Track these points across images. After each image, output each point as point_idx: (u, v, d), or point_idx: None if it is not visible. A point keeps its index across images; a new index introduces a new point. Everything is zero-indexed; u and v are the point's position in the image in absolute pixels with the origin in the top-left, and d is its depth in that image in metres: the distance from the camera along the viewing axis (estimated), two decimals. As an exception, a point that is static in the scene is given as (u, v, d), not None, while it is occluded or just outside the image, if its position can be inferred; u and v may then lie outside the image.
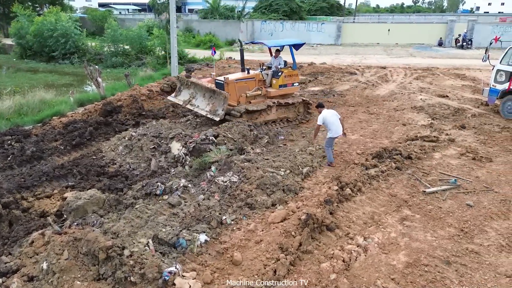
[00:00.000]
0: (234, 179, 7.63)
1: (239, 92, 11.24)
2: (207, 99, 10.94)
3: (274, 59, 12.24)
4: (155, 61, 25.59)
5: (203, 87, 11.04)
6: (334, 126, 8.66)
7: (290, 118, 12.10)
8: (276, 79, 11.78)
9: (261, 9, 44.74)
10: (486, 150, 9.45)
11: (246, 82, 11.50)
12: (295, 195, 7.44)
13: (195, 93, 11.37)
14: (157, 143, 9.20)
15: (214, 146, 8.99)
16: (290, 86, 12.05)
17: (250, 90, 11.47)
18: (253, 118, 11.10)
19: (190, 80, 11.73)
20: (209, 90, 10.89)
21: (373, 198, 7.08)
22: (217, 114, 10.23)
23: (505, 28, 35.78)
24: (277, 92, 11.76)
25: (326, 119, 8.66)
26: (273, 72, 11.95)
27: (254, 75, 11.70)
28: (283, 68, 12.06)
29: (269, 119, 11.57)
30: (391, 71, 21.78)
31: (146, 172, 8.55)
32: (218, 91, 10.54)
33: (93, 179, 8.23)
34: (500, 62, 12.32)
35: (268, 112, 11.49)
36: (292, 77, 12.04)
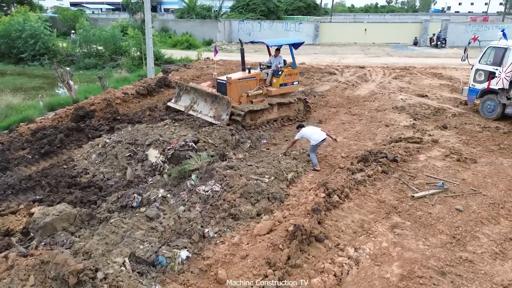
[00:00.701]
0: (216, 188, 7.23)
1: (241, 91, 11.20)
2: (209, 104, 10.85)
3: (273, 58, 12.19)
4: (130, 62, 24.80)
5: (204, 92, 10.91)
6: (314, 135, 8.63)
7: (291, 116, 12.16)
8: (277, 78, 11.79)
9: (238, 8, 44.34)
10: (469, 151, 9.39)
11: (248, 82, 11.48)
12: (280, 203, 7.12)
13: (195, 98, 11.25)
14: (133, 151, 8.68)
15: (194, 153, 8.56)
16: (290, 85, 12.10)
17: (251, 89, 11.45)
18: (255, 118, 11.14)
19: (189, 85, 11.55)
20: (210, 95, 10.76)
21: (361, 204, 6.83)
22: (221, 120, 10.19)
23: (478, 27, 36.65)
24: (278, 91, 11.76)
25: (305, 133, 8.78)
26: (274, 71, 11.92)
27: (255, 74, 11.69)
28: (283, 67, 12.09)
29: (270, 118, 11.60)
30: (370, 71, 21.80)
31: (121, 182, 8.04)
32: (220, 96, 10.44)
33: (63, 191, 7.66)
34: (479, 62, 12.37)
35: (270, 111, 11.51)
36: (292, 76, 12.10)
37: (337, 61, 26.00)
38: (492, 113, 12.06)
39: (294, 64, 12.27)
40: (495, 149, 9.52)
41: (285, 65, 12.26)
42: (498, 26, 36.53)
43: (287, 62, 12.42)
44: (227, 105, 10.25)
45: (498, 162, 8.69)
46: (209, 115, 10.68)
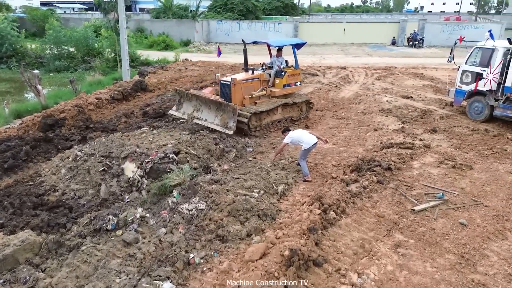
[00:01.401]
0: (201, 206, 6.57)
1: (245, 92, 10.98)
2: (213, 111, 10.48)
3: (275, 59, 12.02)
4: (104, 64, 23.72)
5: (207, 100, 10.61)
6: (305, 138, 8.04)
7: (294, 117, 12.03)
8: (280, 79, 11.64)
9: (216, 8, 43.52)
10: (463, 156, 9.06)
11: (252, 82, 11.30)
12: (272, 220, 6.53)
13: (198, 105, 10.91)
14: (107, 165, 7.90)
15: (175, 165, 7.86)
16: (293, 85, 11.99)
17: (255, 90, 11.29)
18: (261, 119, 10.99)
19: (190, 93, 11.16)
20: (214, 102, 10.45)
21: (360, 220, 6.32)
22: (229, 128, 9.90)
23: (453, 27, 37.17)
24: (282, 92, 11.64)
25: (293, 137, 8.13)
26: (276, 71, 11.79)
27: (258, 75, 11.50)
28: (286, 68, 11.98)
29: (275, 119, 11.46)
30: (352, 72, 21.53)
31: (94, 201, 7.26)
32: (225, 104, 10.16)
33: (28, 214, 6.82)
34: (465, 63, 12.15)
35: (274, 112, 11.34)
36: (295, 77, 12.00)
37: (318, 62, 25.65)
38: (479, 115, 11.85)
39: (297, 65, 12.20)
40: (488, 153, 9.23)
41: (287, 65, 12.15)
42: (474, 26, 37.28)
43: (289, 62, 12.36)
44: (233, 112, 9.90)
45: (493, 168, 8.38)
46: (215, 122, 10.32)
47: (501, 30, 35.82)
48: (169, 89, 17.07)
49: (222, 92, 11.16)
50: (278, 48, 11.90)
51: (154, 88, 16.76)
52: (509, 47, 10.86)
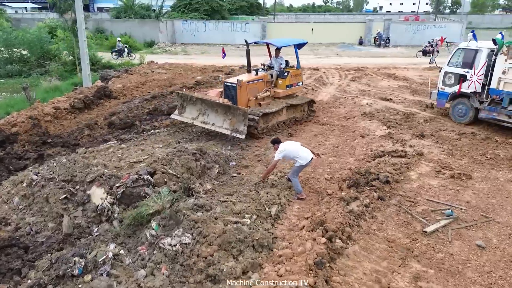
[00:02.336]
0: (186, 240, 5.60)
1: (250, 94, 10.76)
2: (221, 114, 10.07)
3: (275, 59, 11.88)
4: (61, 68, 21.93)
5: (215, 103, 10.15)
6: (302, 153, 7.09)
7: (298, 117, 11.90)
8: (283, 79, 11.53)
9: (180, 8, 42.06)
10: (458, 164, 8.62)
11: (256, 84, 11.06)
12: (269, 251, 5.68)
13: (203, 109, 10.47)
14: (70, 191, 6.74)
15: (151, 189, 6.83)
16: (295, 85, 11.96)
17: (259, 91, 11.09)
18: (268, 121, 10.80)
19: (195, 96, 10.71)
20: (222, 106, 10.01)
21: (369, 247, 5.61)
22: (240, 132, 9.62)
23: (417, 26, 37.90)
24: (285, 92, 11.56)
25: (286, 151, 7.11)
26: (279, 72, 11.64)
27: (262, 76, 11.25)
28: (288, 68, 11.92)
29: (280, 120, 11.28)
30: (325, 73, 21.12)
31: (56, 237, 6.10)
32: (234, 107, 9.82)
33: (-28, 258, 5.58)
34: (447, 64, 11.83)
35: (280, 113, 11.16)
36: (297, 77, 11.98)
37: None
38: (463, 117, 11.58)
39: (299, 65, 12.18)
40: (482, 160, 8.85)
41: (287, 65, 12.05)
42: (436, 26, 38.17)
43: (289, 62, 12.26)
44: (244, 116, 9.57)
45: (492, 177, 7.96)
46: (224, 126, 9.96)
47: (462, 30, 36.94)
48: (135, 94, 15.81)
49: (227, 94, 10.81)
50: (277, 48, 11.65)
51: (119, 94, 15.43)
52: (493, 48, 10.60)
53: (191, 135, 10.78)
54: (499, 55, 10.31)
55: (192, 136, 10.70)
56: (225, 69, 22.00)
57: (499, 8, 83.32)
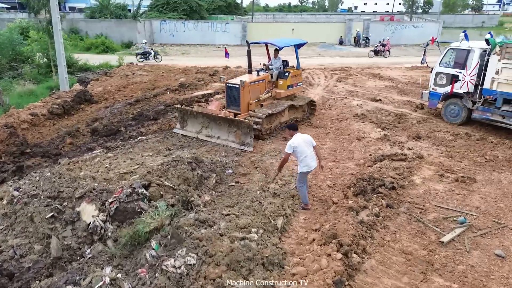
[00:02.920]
0: (191, 261, 5.14)
1: (252, 95, 10.63)
2: (225, 127, 9.99)
3: (274, 59, 11.75)
4: (35, 71, 20.80)
5: (217, 118, 10.03)
6: (307, 158, 6.61)
7: (299, 118, 11.81)
8: (284, 80, 11.43)
9: (157, 7, 41.11)
10: (460, 167, 8.48)
11: (258, 84, 10.93)
12: (281, 269, 5.29)
13: (206, 122, 10.31)
14: (57, 208, 6.14)
15: (147, 203, 6.32)
16: (295, 86, 11.87)
17: (261, 92, 11.00)
18: (271, 122, 10.68)
19: (196, 111, 10.47)
20: (224, 120, 9.93)
21: (386, 261, 5.30)
22: (247, 144, 9.61)
23: (396, 26, 38.38)
24: (286, 93, 11.46)
25: (297, 147, 6.55)
26: (280, 72, 11.54)
27: (264, 77, 11.11)
28: (289, 68, 11.90)
29: (283, 120, 11.17)
30: (311, 73, 20.92)
31: (44, 261, 5.50)
32: (238, 120, 9.71)
33: None
34: (439, 64, 11.76)
35: (282, 114, 11.08)
36: (297, 77, 11.90)
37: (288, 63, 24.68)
38: (456, 118, 11.54)
39: (299, 65, 12.11)
40: (482, 161, 8.76)
41: (287, 65, 12.01)
42: (414, 25, 38.78)
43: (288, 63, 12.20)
44: (249, 128, 9.55)
45: (495, 179, 7.85)
46: (229, 139, 9.90)
47: (439, 29, 37.63)
48: (117, 98, 15.10)
49: (229, 95, 10.71)
50: (276, 49, 11.49)
51: (100, 99, 14.68)
52: (485, 48, 10.57)
53: (181, 141, 10.26)
54: (492, 55, 10.28)
55: (182, 142, 10.18)
56: (209, 70, 21.51)
57: (468, 8, 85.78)
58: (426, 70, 21.48)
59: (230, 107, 10.74)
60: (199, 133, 10.41)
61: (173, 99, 14.78)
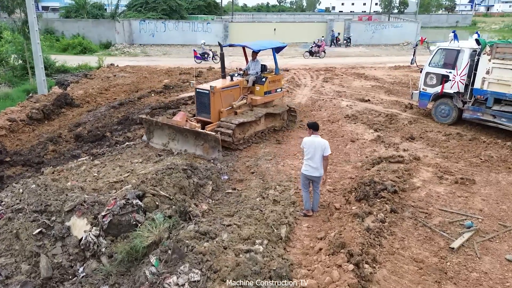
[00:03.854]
0: (195, 277, 4.82)
1: (224, 101, 9.84)
2: (191, 139, 9.23)
3: (252, 63, 10.97)
4: (10, 73, 19.86)
5: (182, 130, 9.24)
6: (308, 161, 6.46)
7: (277, 127, 11.07)
8: (261, 86, 10.57)
9: (136, 7, 40.23)
10: (457, 168, 8.44)
11: (231, 90, 10.09)
12: (289, 283, 5.03)
13: (172, 134, 9.51)
14: (45, 223, 5.69)
15: (142, 215, 5.94)
16: (274, 92, 10.98)
17: (235, 99, 10.18)
18: (244, 131, 9.86)
19: (160, 122, 9.60)
20: (192, 132, 9.15)
21: (397, 271, 5.12)
22: (216, 159, 8.83)
23: (376, 26, 38.76)
24: (263, 100, 10.63)
25: (304, 146, 6.50)
26: (256, 77, 10.72)
27: (238, 82, 10.28)
28: (267, 73, 11.00)
29: (258, 130, 10.37)
30: (296, 74, 20.76)
31: (33, 282, 5.05)
32: (204, 133, 8.98)
33: None
34: (428, 65, 11.77)
35: (257, 123, 10.26)
36: (276, 83, 10.99)
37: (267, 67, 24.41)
38: (446, 118, 11.56)
39: (277, 70, 11.21)
40: (478, 162, 8.74)
41: (264, 70, 11.17)
42: (394, 25, 39.25)
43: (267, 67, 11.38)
44: (216, 142, 8.78)
45: (494, 180, 7.83)
46: (197, 153, 9.13)
47: (418, 29, 38.25)
48: (99, 101, 14.52)
49: (199, 101, 9.97)
50: (254, 51, 10.66)
51: (82, 102, 14.08)
52: (475, 48, 10.62)
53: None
54: (483, 55, 10.33)
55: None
56: (192, 71, 21.05)
57: (442, 8, 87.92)
58: (409, 70, 21.86)
59: (201, 114, 10.01)
60: (166, 146, 9.60)
61: (159, 101, 14.33)
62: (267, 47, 11.11)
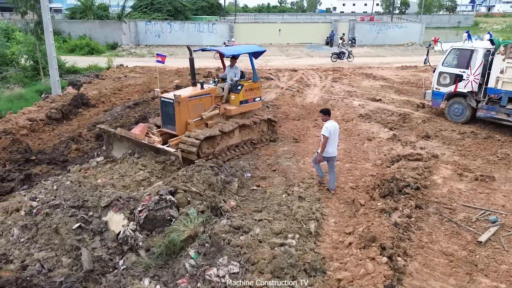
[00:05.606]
0: (234, 269, 4.98)
1: (192, 112, 8.87)
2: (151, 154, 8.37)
3: (230, 69, 10.03)
4: (21, 74, 20.03)
5: (141, 144, 8.42)
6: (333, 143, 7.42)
7: (255, 139, 9.97)
8: (236, 94, 9.55)
9: (141, 8, 40.42)
10: (475, 166, 8.60)
11: (201, 99, 9.12)
12: (323, 275, 5.19)
13: (132, 147, 8.66)
14: (84, 218, 5.85)
15: (176, 211, 6.10)
16: (251, 101, 9.89)
17: (205, 109, 9.17)
18: (214, 145, 8.81)
19: (119, 134, 8.73)
20: (151, 148, 8.31)
21: (429, 264, 5.28)
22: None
23: (380, 26, 38.92)
24: (238, 110, 9.59)
25: (331, 130, 7.27)
26: (231, 85, 9.69)
27: (209, 90, 9.31)
28: (243, 81, 9.90)
29: (232, 143, 9.32)
30: (305, 74, 20.90)
31: (76, 275, 5.21)
32: (163, 150, 8.09)
33: (-24, 311, 4.61)
34: (442, 64, 11.93)
35: (231, 136, 9.24)
36: (254, 91, 9.89)
37: (265, 64, 24.64)
38: (460, 116, 11.72)
39: (256, 77, 10.07)
40: (496, 160, 8.90)
41: (243, 77, 10.11)
42: (398, 25, 39.41)
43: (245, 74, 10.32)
44: (177, 160, 7.93)
45: (512, 177, 8.00)
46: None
47: (422, 29, 38.42)
48: (114, 101, 14.69)
49: (164, 112, 8.99)
50: (233, 56, 9.86)
51: (97, 102, 14.24)
52: (489, 48, 10.78)
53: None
54: (497, 55, 10.49)
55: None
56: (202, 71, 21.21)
57: (443, 8, 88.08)
58: (417, 70, 22.05)
59: (166, 126, 9.05)
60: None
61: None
62: (241, 52, 10.14)
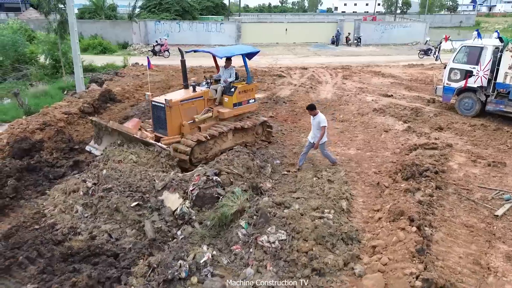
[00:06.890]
0: (282, 237, 5.68)
1: (185, 116, 8.65)
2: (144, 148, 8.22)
3: (224, 70, 9.87)
4: (41, 72, 20.74)
5: (133, 138, 8.21)
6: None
7: (249, 143, 9.85)
8: (229, 97, 9.36)
9: (149, 8, 41.11)
10: (487, 153, 9.30)
11: (193, 103, 8.89)
12: (359, 244, 5.89)
13: (123, 141, 8.43)
14: (141, 198, 6.55)
15: (222, 189, 6.79)
16: (245, 104, 9.66)
17: (198, 112, 8.94)
18: (206, 150, 8.78)
19: (111, 127, 8.58)
20: (143, 143, 8.14)
21: (452, 233, 5.98)
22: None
23: (385, 26, 39.61)
24: (232, 113, 9.38)
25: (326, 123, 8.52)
26: (224, 87, 9.50)
27: (202, 93, 9.06)
28: (236, 82, 9.71)
29: (225, 147, 9.12)
30: (315, 72, 21.57)
31: (142, 242, 5.92)
32: (157, 146, 7.93)
33: (62, 269, 5.28)
34: (452, 61, 12.62)
35: (224, 139, 9.17)
36: (248, 93, 9.66)
37: (275, 63, 25.34)
38: (469, 110, 12.41)
39: (250, 78, 9.86)
40: (506, 149, 9.59)
41: (237, 78, 9.91)
42: (402, 25, 40.08)
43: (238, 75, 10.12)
44: (168, 157, 7.84)
45: (522, 163, 8.69)
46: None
47: (426, 29, 39.10)
48: (138, 97, 15.40)
49: (155, 116, 8.78)
50: (227, 58, 9.67)
51: (122, 98, 14.95)
52: (498, 45, 11.47)
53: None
54: (505, 51, 11.18)
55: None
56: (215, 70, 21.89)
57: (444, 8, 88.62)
58: (423, 68, 22.71)
59: (158, 130, 8.84)
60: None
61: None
62: (234, 53, 9.89)
